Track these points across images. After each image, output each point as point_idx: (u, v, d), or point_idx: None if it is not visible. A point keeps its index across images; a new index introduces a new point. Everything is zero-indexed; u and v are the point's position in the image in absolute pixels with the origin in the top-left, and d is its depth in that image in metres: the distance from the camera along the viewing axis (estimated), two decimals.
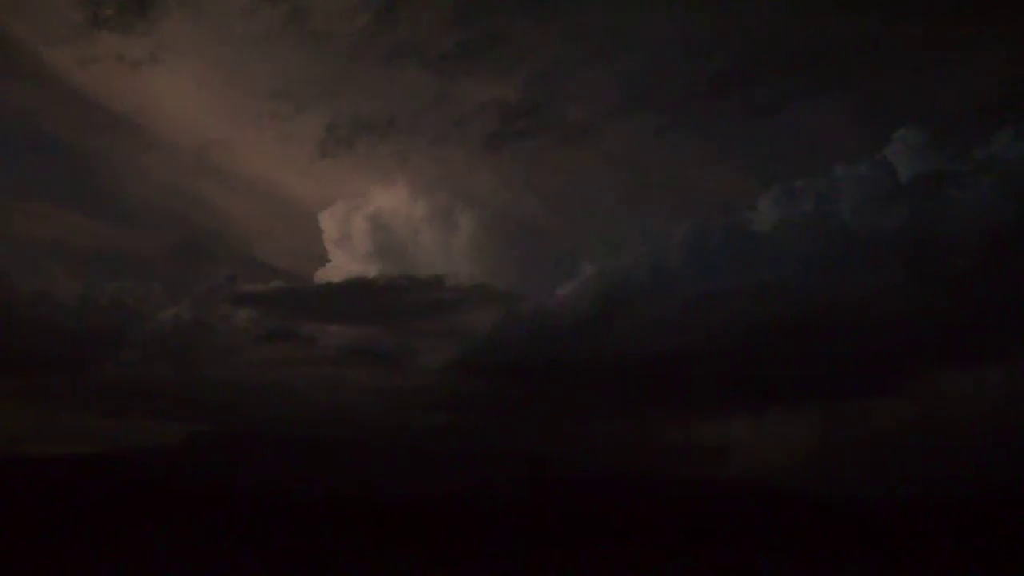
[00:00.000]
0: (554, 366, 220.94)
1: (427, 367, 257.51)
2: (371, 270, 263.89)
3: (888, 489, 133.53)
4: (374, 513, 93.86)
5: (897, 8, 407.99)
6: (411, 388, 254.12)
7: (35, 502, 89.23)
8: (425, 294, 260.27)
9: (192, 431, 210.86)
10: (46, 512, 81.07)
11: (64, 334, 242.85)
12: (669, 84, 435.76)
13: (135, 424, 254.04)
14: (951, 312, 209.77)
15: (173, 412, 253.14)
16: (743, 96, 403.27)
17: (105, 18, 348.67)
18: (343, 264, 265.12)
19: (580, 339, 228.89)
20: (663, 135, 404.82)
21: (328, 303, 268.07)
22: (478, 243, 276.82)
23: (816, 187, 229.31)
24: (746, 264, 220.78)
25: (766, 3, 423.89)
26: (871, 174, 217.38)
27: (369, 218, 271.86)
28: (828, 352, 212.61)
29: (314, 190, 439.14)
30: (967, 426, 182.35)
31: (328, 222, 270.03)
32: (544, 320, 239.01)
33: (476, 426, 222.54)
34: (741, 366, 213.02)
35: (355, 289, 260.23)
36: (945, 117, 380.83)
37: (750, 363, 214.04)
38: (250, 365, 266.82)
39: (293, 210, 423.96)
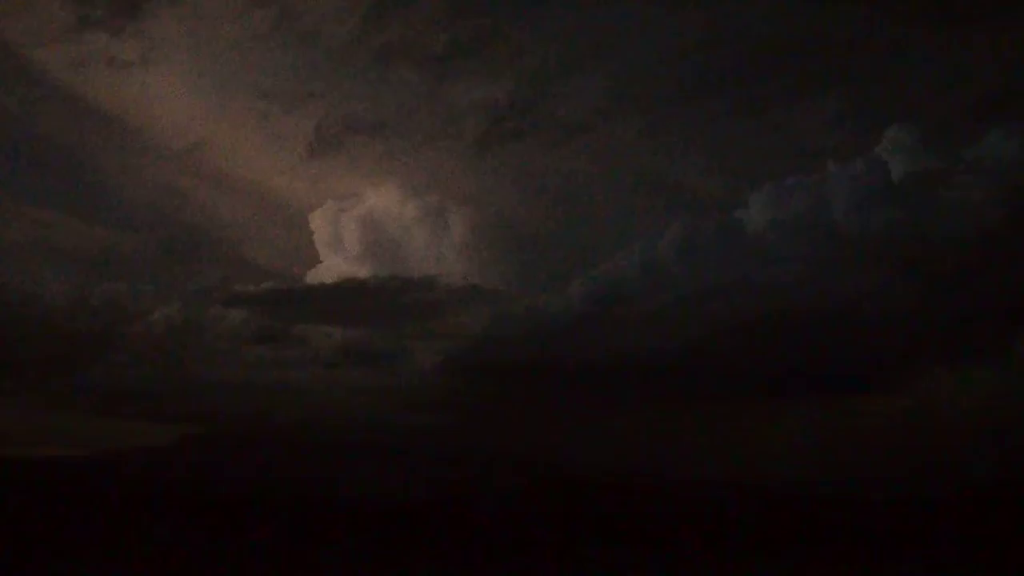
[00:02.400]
0: (546, 365, 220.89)
1: (420, 367, 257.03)
2: (362, 271, 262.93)
3: (880, 487, 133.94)
4: (367, 514, 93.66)
5: (888, 7, 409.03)
6: (404, 388, 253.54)
7: (26, 504, 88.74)
8: (417, 294, 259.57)
9: (184, 432, 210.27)
10: (37, 514, 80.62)
11: (55, 335, 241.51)
12: (660, 84, 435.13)
13: (126, 425, 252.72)
14: (943, 311, 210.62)
15: (164, 413, 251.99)
16: (734, 95, 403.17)
17: (95, 19, 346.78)
18: (334, 265, 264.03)
19: (572, 338, 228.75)
20: (654, 134, 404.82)
21: (320, 304, 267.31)
22: (470, 243, 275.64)
23: (808, 186, 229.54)
24: (738, 263, 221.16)
25: (756, 3, 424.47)
26: (863, 172, 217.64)
27: (360, 219, 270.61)
28: (820, 350, 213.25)
29: (304, 191, 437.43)
30: (959, 424, 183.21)
31: (318, 223, 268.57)
32: (536, 319, 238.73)
33: (469, 426, 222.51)
34: (733, 365, 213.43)
35: (347, 290, 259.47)
36: (936, 116, 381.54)
37: (742, 362, 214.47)
38: (242, 366, 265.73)
39: (283, 211, 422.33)
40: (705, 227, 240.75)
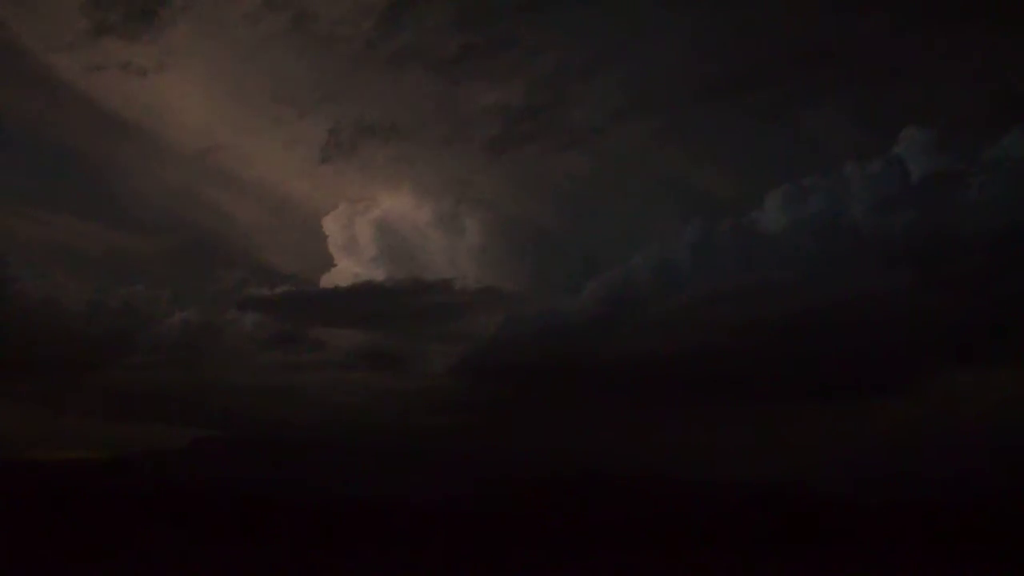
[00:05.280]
0: (561, 368, 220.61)
1: (434, 370, 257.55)
2: (377, 274, 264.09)
3: (894, 490, 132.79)
4: (381, 516, 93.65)
5: (905, 8, 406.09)
6: (418, 391, 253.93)
7: (43, 506, 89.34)
8: (432, 297, 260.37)
9: (199, 435, 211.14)
10: (54, 516, 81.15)
11: (72, 339, 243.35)
12: (674, 86, 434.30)
13: (143, 428, 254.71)
14: (960, 312, 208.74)
15: (180, 416, 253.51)
16: (749, 96, 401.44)
17: (111, 25, 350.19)
18: (348, 268, 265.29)
19: (587, 341, 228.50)
20: (668, 136, 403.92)
21: (335, 307, 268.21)
22: (484, 246, 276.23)
23: (825, 186, 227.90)
24: (753, 264, 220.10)
25: (772, 4, 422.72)
26: (882, 173, 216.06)
27: (374, 222, 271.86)
28: (836, 352, 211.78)
29: (318, 194, 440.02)
30: (975, 426, 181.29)
31: (332, 226, 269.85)
32: (551, 322, 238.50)
33: (483, 428, 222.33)
34: (749, 367, 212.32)
35: (362, 293, 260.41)
36: (953, 117, 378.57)
37: (758, 364, 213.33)
38: (258, 369, 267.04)
39: (298, 214, 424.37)
40: (720, 229, 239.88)
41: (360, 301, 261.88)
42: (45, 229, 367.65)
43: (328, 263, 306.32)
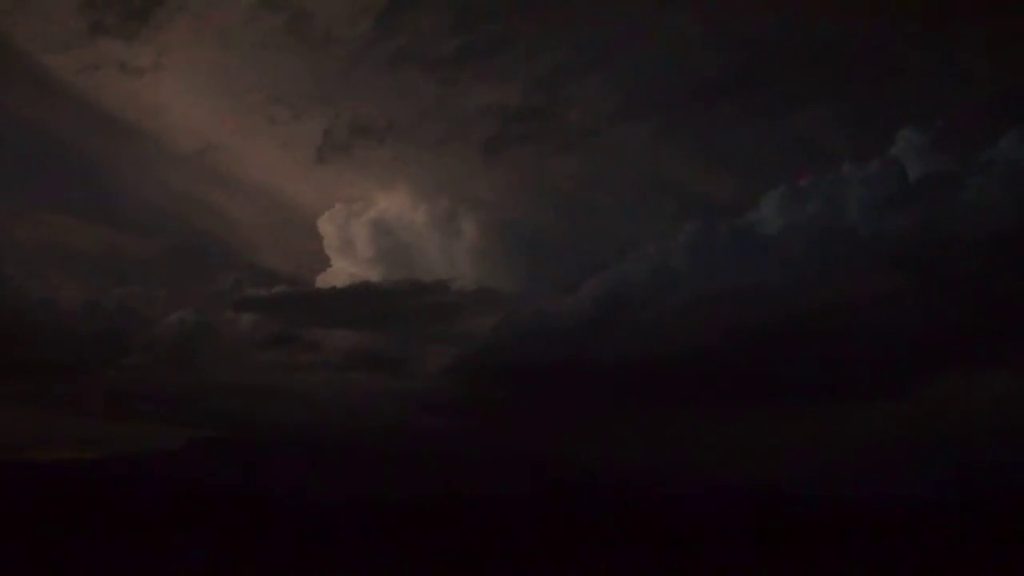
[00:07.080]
0: (557, 369, 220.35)
1: (431, 371, 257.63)
2: (373, 275, 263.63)
3: (892, 491, 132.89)
4: (377, 517, 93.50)
5: (903, 9, 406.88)
6: (415, 392, 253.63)
7: (39, 507, 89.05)
8: (429, 298, 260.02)
9: (195, 436, 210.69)
10: (50, 517, 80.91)
11: (68, 339, 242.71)
12: (671, 86, 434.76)
13: (139, 428, 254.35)
14: (958, 314, 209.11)
15: (176, 417, 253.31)
16: (746, 97, 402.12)
17: (107, 25, 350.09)
18: (344, 269, 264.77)
19: (583, 342, 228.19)
20: (665, 137, 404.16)
21: (332, 308, 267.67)
22: (481, 247, 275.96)
23: (822, 188, 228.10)
24: (750, 266, 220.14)
25: (770, 5, 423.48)
26: (879, 174, 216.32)
27: (370, 223, 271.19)
28: (834, 354, 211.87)
29: (314, 195, 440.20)
30: (972, 428, 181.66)
31: (328, 227, 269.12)
32: (547, 323, 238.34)
33: (479, 430, 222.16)
34: (746, 369, 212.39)
35: (359, 294, 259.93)
36: (951, 119, 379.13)
37: (755, 366, 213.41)
38: (254, 370, 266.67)
39: (294, 215, 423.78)
40: (717, 230, 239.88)
41: (356, 302, 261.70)
42: (41, 229, 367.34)
43: (324, 264, 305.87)
